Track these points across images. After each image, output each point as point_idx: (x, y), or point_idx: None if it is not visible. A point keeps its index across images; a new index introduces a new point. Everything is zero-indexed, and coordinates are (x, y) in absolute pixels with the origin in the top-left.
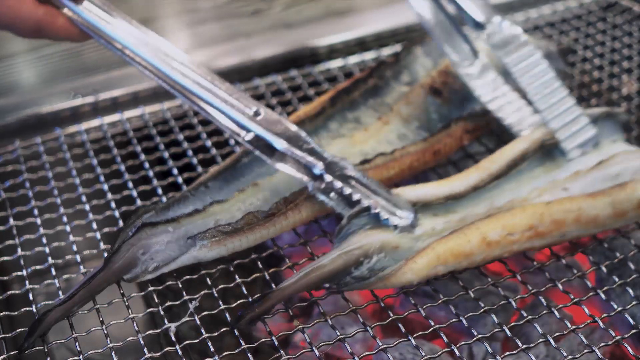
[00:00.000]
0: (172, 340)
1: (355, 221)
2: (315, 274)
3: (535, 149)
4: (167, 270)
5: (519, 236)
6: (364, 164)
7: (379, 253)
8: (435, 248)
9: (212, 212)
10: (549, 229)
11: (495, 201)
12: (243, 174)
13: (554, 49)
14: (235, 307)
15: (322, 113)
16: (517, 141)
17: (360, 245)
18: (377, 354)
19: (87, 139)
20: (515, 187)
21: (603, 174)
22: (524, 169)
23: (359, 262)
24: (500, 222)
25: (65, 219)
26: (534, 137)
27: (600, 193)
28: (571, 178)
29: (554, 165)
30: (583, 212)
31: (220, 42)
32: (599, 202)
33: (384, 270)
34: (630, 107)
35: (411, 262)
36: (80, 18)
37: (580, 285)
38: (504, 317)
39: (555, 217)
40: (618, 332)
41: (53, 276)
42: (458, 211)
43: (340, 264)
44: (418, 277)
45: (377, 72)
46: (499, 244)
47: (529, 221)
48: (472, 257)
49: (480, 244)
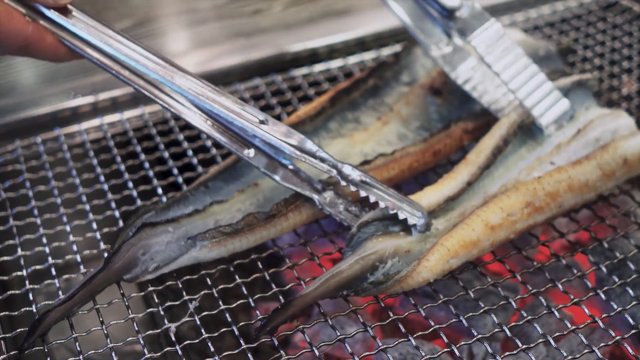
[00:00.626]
0: (172, 340)
1: (365, 229)
2: (334, 280)
3: (514, 131)
4: (167, 271)
5: (520, 215)
6: (364, 164)
7: (393, 257)
8: (444, 243)
9: (212, 212)
10: (546, 202)
11: (488, 190)
12: (243, 174)
13: (553, 49)
14: (235, 307)
15: (322, 113)
16: (495, 127)
17: (375, 250)
18: (377, 354)
19: (87, 139)
20: (504, 172)
21: (584, 141)
22: (508, 152)
23: (375, 267)
24: (498, 206)
25: (65, 219)
26: (510, 121)
27: (586, 158)
28: (555, 151)
29: (535, 143)
30: (574, 180)
31: (220, 42)
32: (586, 167)
33: (400, 273)
34: (630, 107)
35: (424, 260)
36: (70, 36)
37: (580, 285)
38: (504, 317)
39: (548, 190)
40: (618, 332)
41: (53, 276)
42: (456, 208)
43: (357, 270)
44: (434, 274)
45: (377, 72)
46: (502, 226)
47: (524, 198)
48: (480, 244)
49: (484, 230)
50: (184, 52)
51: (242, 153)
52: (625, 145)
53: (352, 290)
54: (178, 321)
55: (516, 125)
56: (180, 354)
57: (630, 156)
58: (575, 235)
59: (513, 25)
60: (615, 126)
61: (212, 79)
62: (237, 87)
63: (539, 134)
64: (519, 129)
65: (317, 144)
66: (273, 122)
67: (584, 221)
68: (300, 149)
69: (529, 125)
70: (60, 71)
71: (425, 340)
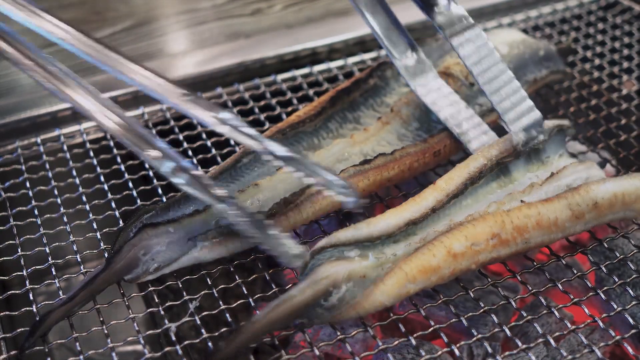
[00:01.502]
0: (173, 340)
1: (319, 256)
2: (284, 306)
3: (491, 166)
4: (168, 271)
5: (484, 245)
6: (364, 164)
7: (347, 282)
8: (402, 267)
9: (212, 213)
10: (512, 235)
11: (454, 218)
12: (243, 174)
13: (553, 49)
14: (235, 307)
15: (322, 113)
16: (472, 158)
17: (328, 275)
18: (377, 354)
19: (87, 139)
20: (472, 203)
21: (556, 184)
22: (480, 185)
23: (329, 292)
24: (462, 234)
25: (65, 219)
26: (489, 155)
27: (557, 197)
28: (527, 190)
29: (508, 181)
30: (543, 216)
31: (220, 42)
32: (557, 205)
33: (355, 298)
34: (630, 107)
35: (380, 283)
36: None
37: (580, 285)
38: (504, 317)
39: (516, 224)
40: (618, 332)
41: (53, 276)
42: (418, 233)
43: (309, 295)
44: (389, 298)
45: (377, 73)
46: (464, 255)
47: (491, 229)
48: (439, 271)
49: (446, 257)
50: (184, 52)
51: (146, 153)
52: (597, 189)
53: (306, 318)
54: (178, 321)
55: (494, 160)
56: (181, 353)
57: (600, 200)
58: (575, 235)
59: (513, 25)
60: (587, 175)
61: (212, 79)
62: (237, 87)
63: (513, 172)
64: (496, 165)
65: (317, 144)
66: (198, 96)
67: None
68: (223, 120)
69: (507, 163)
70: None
71: (425, 340)
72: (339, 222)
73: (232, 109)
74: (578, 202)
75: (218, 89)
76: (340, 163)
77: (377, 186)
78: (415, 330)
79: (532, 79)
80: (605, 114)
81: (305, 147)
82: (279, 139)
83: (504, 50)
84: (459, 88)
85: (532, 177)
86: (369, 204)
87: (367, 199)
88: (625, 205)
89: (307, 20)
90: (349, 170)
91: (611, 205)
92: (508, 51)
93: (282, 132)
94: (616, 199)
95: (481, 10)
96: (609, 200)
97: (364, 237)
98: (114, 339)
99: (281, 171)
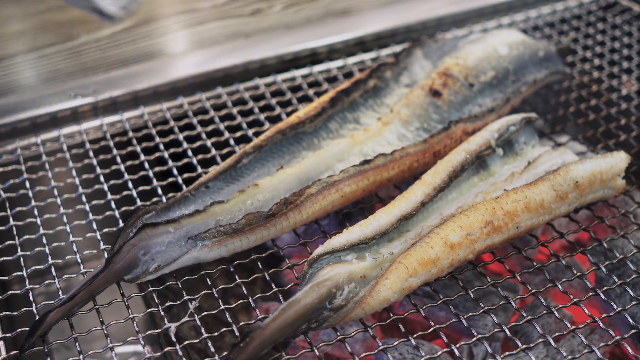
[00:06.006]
0: (172, 340)
1: (316, 264)
2: (292, 310)
3: (472, 160)
4: (167, 271)
5: (479, 234)
6: (364, 164)
7: (349, 283)
8: (402, 261)
9: (212, 213)
10: (504, 221)
11: (444, 211)
12: (243, 174)
13: (553, 49)
14: (235, 307)
15: (322, 114)
16: (454, 153)
17: (329, 276)
18: (377, 354)
19: (87, 139)
20: (457, 196)
21: (534, 172)
22: (462, 180)
23: (333, 294)
24: (457, 224)
25: (65, 219)
26: (470, 149)
27: (540, 179)
28: (509, 179)
29: (487, 174)
30: (530, 199)
31: (220, 42)
32: (541, 187)
33: (359, 295)
34: (630, 107)
35: (382, 279)
36: None
37: (580, 285)
38: (504, 317)
39: (506, 209)
40: (618, 332)
41: (53, 276)
42: (411, 229)
43: (314, 297)
44: (393, 293)
45: (377, 73)
46: (461, 245)
47: (483, 217)
48: (438, 262)
49: (443, 248)
50: (184, 52)
51: None
52: (576, 169)
53: (314, 321)
54: (178, 321)
55: (475, 154)
56: (180, 354)
57: (580, 179)
58: (575, 235)
59: (513, 26)
60: (562, 160)
61: (212, 79)
62: (237, 87)
63: (491, 166)
64: (476, 158)
65: (317, 144)
66: None
67: (584, 221)
68: None
69: (484, 157)
70: (60, 71)
71: (425, 340)
72: (339, 222)
73: (232, 109)
74: (560, 182)
75: (218, 89)
76: (340, 163)
77: (377, 186)
78: (415, 330)
79: (532, 80)
80: (605, 114)
81: (305, 147)
82: (278, 139)
83: (503, 50)
84: (459, 89)
85: (510, 169)
86: (367, 203)
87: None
88: (603, 183)
89: (307, 21)
90: (349, 170)
91: (591, 183)
92: (508, 52)
93: (282, 133)
94: (594, 177)
95: (481, 10)
96: (589, 179)
97: (358, 240)
98: (114, 339)
99: (281, 171)
